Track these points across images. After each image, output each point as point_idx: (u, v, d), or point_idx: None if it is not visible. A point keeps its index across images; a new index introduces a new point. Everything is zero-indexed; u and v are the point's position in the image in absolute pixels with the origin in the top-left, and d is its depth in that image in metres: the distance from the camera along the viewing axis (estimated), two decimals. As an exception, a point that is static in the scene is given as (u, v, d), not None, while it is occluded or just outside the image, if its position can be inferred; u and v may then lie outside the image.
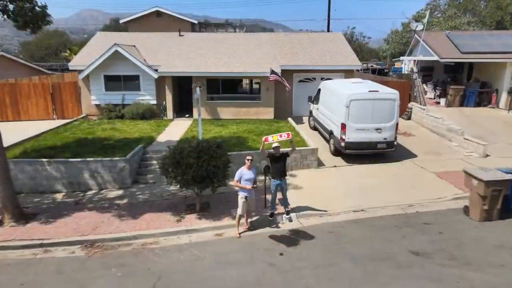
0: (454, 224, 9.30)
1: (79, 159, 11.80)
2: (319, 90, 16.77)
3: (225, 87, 20.09)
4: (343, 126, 13.41)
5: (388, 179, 12.31)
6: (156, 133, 16.03)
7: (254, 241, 8.80)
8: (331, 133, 14.66)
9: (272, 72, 17.54)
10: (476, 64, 22.75)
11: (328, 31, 31.82)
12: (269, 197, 10.05)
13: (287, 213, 9.77)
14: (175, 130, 16.83)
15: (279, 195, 9.77)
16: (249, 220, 9.60)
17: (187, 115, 19.60)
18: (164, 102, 19.45)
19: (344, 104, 13.29)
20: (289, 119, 18.70)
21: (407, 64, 28.87)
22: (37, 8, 9.70)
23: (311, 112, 17.98)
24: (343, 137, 13.48)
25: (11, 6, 9.42)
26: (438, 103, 21.93)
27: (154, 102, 19.48)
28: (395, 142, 13.74)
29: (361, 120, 13.34)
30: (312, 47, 21.62)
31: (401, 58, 26.12)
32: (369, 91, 13.33)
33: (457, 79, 24.13)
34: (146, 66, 18.80)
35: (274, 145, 9.41)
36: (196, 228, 9.39)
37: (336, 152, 14.38)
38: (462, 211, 9.93)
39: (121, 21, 27.75)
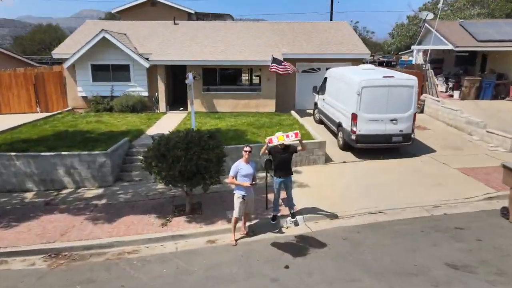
0: (492, 229, 7.78)
1: (52, 153, 10.29)
2: (325, 79, 15.25)
3: (223, 78, 18.59)
4: (354, 117, 11.90)
5: (406, 176, 10.80)
6: (145, 126, 14.53)
7: (253, 250, 7.30)
8: (339, 125, 13.14)
9: (274, 60, 16.06)
10: (491, 55, 21.21)
11: (332, 22, 30.24)
12: (271, 196, 8.56)
13: (293, 215, 8.28)
14: (167, 123, 15.31)
15: (282, 194, 8.28)
16: (247, 224, 8.10)
17: (181, 108, 18.08)
18: (156, 94, 17.93)
19: (355, 92, 11.77)
20: (292, 112, 17.20)
21: (415, 56, 27.40)
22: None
23: (316, 104, 16.46)
24: (354, 129, 11.97)
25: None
26: (451, 96, 20.38)
27: (146, 94, 17.98)
28: (412, 135, 12.22)
29: (374, 110, 11.83)
30: (317, 36, 20.10)
31: (412, 47, 24.56)
32: (384, 76, 11.81)
33: (469, 72, 22.63)
34: (137, 55, 17.29)
35: (276, 134, 7.93)
36: (185, 233, 7.89)
37: (346, 147, 12.87)
38: (499, 214, 8.41)
39: (112, 11, 26.20)
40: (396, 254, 6.92)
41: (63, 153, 10.29)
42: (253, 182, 7.44)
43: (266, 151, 7.80)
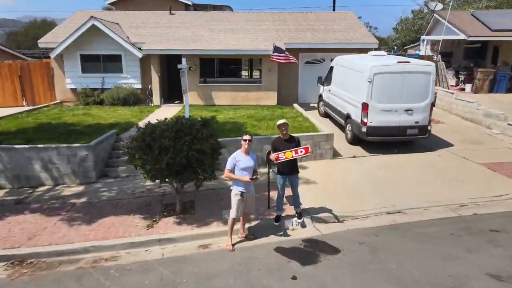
0: (534, 232, 6.65)
1: (26, 146, 9.13)
2: (331, 68, 14.10)
3: (221, 69, 17.45)
4: (365, 107, 10.76)
5: (424, 171, 9.65)
6: (137, 119, 13.39)
7: (254, 257, 6.16)
8: (347, 117, 12.00)
9: (276, 48, 14.93)
10: (504, 46, 20.05)
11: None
12: (274, 194, 7.44)
13: (299, 215, 7.16)
14: (160, 116, 14.09)
15: (287, 191, 7.16)
16: (246, 225, 6.96)
17: (176, 101, 16.94)
18: (150, 86, 16.79)
19: (366, 79, 10.63)
20: (295, 105, 16.05)
21: (423, 48, 26.26)
22: None
23: (320, 96, 15.31)
24: (365, 120, 10.83)
25: None
26: (463, 89, 19.22)
27: (139, 86, 16.84)
28: (429, 127, 11.07)
29: (387, 99, 10.69)
30: (321, 25, 18.94)
31: (422, 37, 23.41)
32: (398, 62, 10.67)
33: (480, 65, 21.50)
34: (129, 44, 16.15)
35: (279, 122, 6.81)
36: (173, 236, 6.75)
37: (355, 140, 11.72)
38: (538, 213, 7.28)
39: (105, 2, 25.04)
40: (424, 262, 5.77)
41: (39, 145, 9.14)
42: (254, 177, 6.30)
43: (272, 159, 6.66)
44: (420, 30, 35.37)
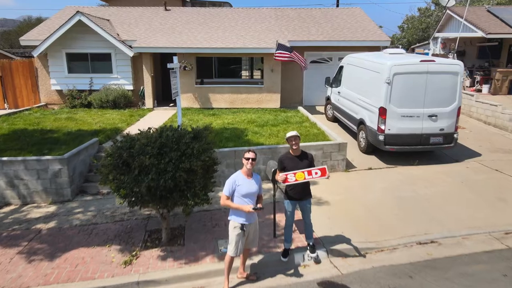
0: None
1: (-13, 159, 7.78)
2: (341, 68, 12.75)
3: (219, 68, 16.14)
4: (383, 112, 9.41)
5: (454, 188, 8.29)
6: (125, 124, 12.04)
7: (257, 308, 4.81)
8: (361, 122, 10.66)
9: (279, 46, 13.59)
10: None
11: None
12: (280, 217, 6.11)
13: (312, 249, 5.82)
14: (152, 121, 12.85)
15: (297, 214, 5.84)
16: (248, 261, 5.61)
17: (171, 104, 15.59)
18: (142, 88, 15.45)
19: (384, 80, 9.28)
20: (300, 108, 14.72)
21: (437, 46, 24.91)
22: None
23: (328, 98, 13.95)
24: (382, 127, 9.48)
25: None
26: (479, 91, 17.84)
27: (131, 87, 15.49)
28: (455, 135, 9.72)
29: (408, 103, 9.35)
30: (327, 22, 17.59)
31: (437, 34, 22.03)
32: (421, 60, 9.30)
33: (494, 64, 20.16)
34: (119, 42, 14.80)
35: (289, 134, 5.46)
36: (156, 278, 5.39)
37: (369, 149, 10.38)
38: None
39: (99, -3, 23.72)
40: (480, 321, 4.43)
41: (3, 158, 7.77)
42: (258, 206, 4.94)
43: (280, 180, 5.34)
44: (428, 28, 34.06)
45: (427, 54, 25.78)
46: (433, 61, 9.35)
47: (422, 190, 8.13)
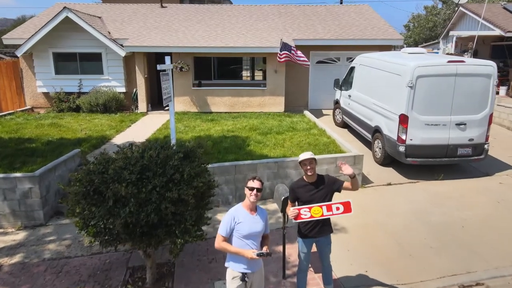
0: None
1: None
2: (352, 69, 11.59)
3: (219, 69, 15.01)
4: (404, 120, 8.24)
5: (491, 209, 7.13)
6: (114, 131, 10.90)
7: None
8: (376, 130, 9.50)
9: (284, 45, 12.44)
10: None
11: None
12: (291, 252, 4.95)
13: (332, 296, 4.64)
14: (144, 127, 11.72)
15: (313, 249, 4.68)
16: (251, 316, 4.45)
17: (166, 108, 14.37)
18: (135, 90, 14.30)
19: (405, 84, 8.11)
20: (306, 112, 13.57)
21: (442, 48, 23.82)
22: None
23: (337, 102, 12.79)
24: (403, 137, 8.32)
25: None
26: (496, 93, 16.74)
27: (123, 89, 14.35)
28: (486, 145, 8.56)
29: (433, 110, 8.19)
30: (334, 20, 16.44)
31: (451, 32, 20.84)
32: (449, 61, 8.14)
33: (509, 64, 19.06)
34: (110, 40, 13.65)
35: (302, 157, 4.25)
36: None
37: (386, 160, 9.22)
38: None
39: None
40: None
41: (-38, 176, 6.63)
42: (264, 251, 3.77)
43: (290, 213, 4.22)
44: (435, 27, 32.89)
45: (437, 53, 24.64)
46: (463, 61, 8.18)
47: (454, 213, 6.97)
